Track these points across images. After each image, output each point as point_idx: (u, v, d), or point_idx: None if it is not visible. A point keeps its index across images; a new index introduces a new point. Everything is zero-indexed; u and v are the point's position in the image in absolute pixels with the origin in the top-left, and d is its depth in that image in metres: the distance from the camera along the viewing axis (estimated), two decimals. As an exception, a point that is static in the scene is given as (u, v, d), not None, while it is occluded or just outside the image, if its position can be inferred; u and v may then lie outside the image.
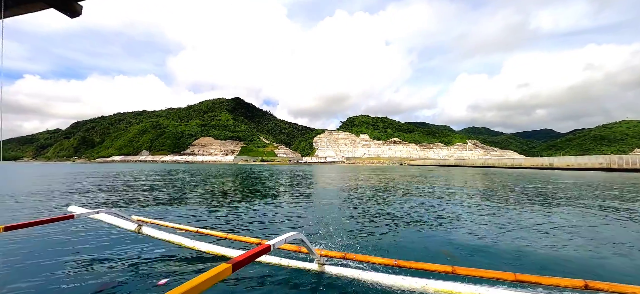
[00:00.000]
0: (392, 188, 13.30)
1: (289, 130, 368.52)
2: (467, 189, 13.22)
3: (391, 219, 6.27)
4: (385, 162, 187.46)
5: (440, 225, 5.74)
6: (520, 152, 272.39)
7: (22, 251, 3.98)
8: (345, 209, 7.43)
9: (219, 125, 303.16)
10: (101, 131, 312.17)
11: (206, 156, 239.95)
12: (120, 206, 8.37)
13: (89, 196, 10.19)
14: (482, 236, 4.87)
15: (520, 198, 9.77)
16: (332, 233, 4.96)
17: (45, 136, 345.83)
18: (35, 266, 3.44)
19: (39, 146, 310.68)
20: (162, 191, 11.50)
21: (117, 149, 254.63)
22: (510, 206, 8.13)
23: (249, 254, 1.77)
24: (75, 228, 5.02)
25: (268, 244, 2.03)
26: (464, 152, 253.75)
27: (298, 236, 2.44)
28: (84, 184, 14.33)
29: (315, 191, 11.97)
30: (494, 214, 6.80)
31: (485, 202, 8.88)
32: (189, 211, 7.23)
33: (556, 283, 2.19)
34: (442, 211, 7.25)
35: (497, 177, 23.72)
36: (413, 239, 4.73)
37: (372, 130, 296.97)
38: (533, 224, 5.87)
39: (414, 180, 19.21)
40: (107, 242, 4.35)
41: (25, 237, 4.50)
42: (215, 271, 1.43)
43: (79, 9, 1.32)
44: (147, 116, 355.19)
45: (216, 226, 5.62)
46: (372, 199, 9.43)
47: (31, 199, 9.12)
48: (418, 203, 8.53)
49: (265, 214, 6.75)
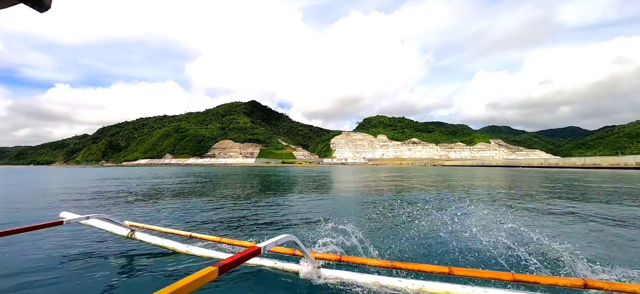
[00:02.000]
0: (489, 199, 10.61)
1: (304, 132, 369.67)
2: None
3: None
4: (414, 163, 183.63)
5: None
6: (546, 151, 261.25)
7: (9, 258, 3.87)
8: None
9: (237, 128, 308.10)
10: (126, 136, 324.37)
11: (227, 159, 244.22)
12: (149, 205, 8.63)
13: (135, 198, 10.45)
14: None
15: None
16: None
17: (74, 141, 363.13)
18: (23, 274, 3.34)
19: (69, 150, 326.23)
20: (203, 194, 11.64)
21: (142, 153, 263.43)
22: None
23: (236, 257, 1.74)
24: (65, 233, 4.85)
25: (258, 247, 2.00)
26: (487, 152, 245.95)
27: (291, 238, 2.41)
28: (130, 186, 14.57)
29: (387, 198, 10.97)
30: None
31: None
32: (221, 217, 7.07)
33: (555, 282, 2.17)
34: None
35: (574, 180, 22.35)
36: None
37: (389, 131, 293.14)
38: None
39: (483, 184, 18.27)
40: (98, 248, 4.26)
41: (14, 243, 4.40)
42: (200, 274, 1.41)
43: (47, 2, 1.21)
44: (168, 121, 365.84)
45: (246, 233, 5.40)
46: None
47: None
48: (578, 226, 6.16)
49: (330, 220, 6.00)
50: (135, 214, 7.49)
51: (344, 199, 10.84)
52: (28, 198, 10.72)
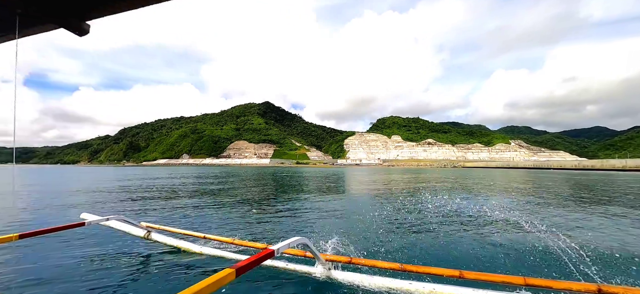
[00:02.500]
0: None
1: (317, 132, 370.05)
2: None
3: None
4: (432, 164, 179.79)
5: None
6: (570, 152, 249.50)
7: (36, 257, 4.09)
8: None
9: (251, 129, 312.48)
10: (145, 136, 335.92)
11: (242, 159, 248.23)
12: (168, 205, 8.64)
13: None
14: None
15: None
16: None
17: (98, 141, 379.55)
18: (49, 273, 3.54)
19: (92, 150, 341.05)
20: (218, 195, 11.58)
21: (160, 153, 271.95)
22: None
23: (252, 259, 1.78)
24: (86, 234, 5.09)
25: (272, 249, 2.04)
26: (506, 154, 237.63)
27: (303, 241, 2.45)
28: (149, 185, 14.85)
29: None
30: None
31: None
32: (233, 218, 7.06)
33: (568, 287, 2.13)
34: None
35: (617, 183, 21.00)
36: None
37: (404, 131, 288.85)
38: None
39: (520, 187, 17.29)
40: (117, 248, 4.45)
41: (39, 244, 4.61)
42: (219, 276, 1.45)
43: (86, 28, 1.49)
44: (185, 122, 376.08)
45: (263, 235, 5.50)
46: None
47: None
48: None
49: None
50: (152, 214, 7.75)
51: (359, 200, 10.75)
52: (56, 198, 11.36)
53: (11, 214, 7.89)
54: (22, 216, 7.53)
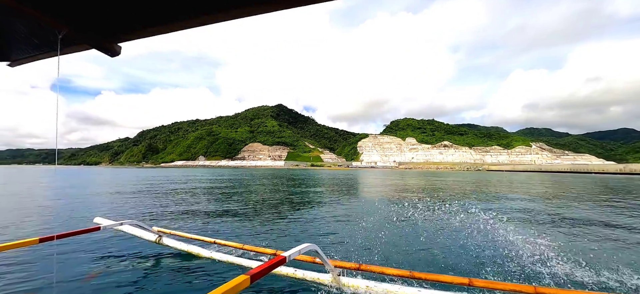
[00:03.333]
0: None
1: (330, 135, 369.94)
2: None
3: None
4: (453, 166, 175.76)
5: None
6: (596, 155, 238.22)
7: (57, 261, 4.30)
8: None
9: (265, 131, 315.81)
10: (163, 139, 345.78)
11: (257, 161, 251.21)
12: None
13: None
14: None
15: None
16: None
17: (118, 143, 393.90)
18: (65, 276, 3.69)
19: (113, 152, 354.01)
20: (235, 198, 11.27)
21: (178, 155, 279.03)
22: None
23: (266, 265, 1.79)
24: (101, 238, 5.24)
25: (283, 256, 2.04)
26: (527, 157, 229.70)
27: (312, 247, 2.46)
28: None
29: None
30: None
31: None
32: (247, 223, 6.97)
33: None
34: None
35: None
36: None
37: (418, 133, 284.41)
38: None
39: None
40: (130, 253, 4.56)
41: (59, 247, 4.82)
42: (234, 283, 1.46)
43: (118, 50, 1.65)
44: (200, 124, 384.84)
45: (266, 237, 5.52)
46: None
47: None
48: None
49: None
50: (164, 219, 7.92)
51: (381, 207, 10.34)
52: (79, 201, 11.76)
53: (41, 217, 8.36)
54: (46, 220, 7.92)
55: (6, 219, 7.85)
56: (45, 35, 1.72)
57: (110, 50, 1.67)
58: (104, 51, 1.67)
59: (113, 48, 1.67)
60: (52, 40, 1.71)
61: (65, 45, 1.77)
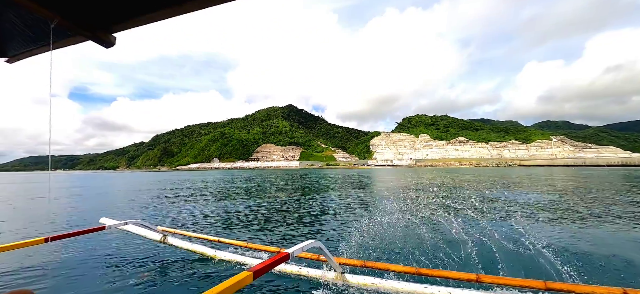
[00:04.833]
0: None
1: (341, 134, 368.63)
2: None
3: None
4: (479, 163, 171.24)
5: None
6: (621, 148, 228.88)
7: (61, 260, 4.40)
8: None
9: (277, 132, 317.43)
10: (177, 142, 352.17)
11: (271, 162, 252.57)
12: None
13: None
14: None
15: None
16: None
17: (133, 148, 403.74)
18: (72, 275, 3.80)
19: (130, 157, 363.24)
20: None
21: (192, 158, 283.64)
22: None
23: (268, 262, 1.81)
24: (107, 238, 5.43)
25: (287, 252, 2.05)
26: (547, 151, 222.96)
27: (316, 245, 2.44)
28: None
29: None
30: None
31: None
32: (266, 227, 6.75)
33: (591, 291, 2.09)
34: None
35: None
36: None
37: (432, 130, 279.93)
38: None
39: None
40: (135, 252, 4.69)
41: (65, 247, 4.96)
42: (236, 279, 1.48)
43: (112, 40, 1.63)
44: (212, 127, 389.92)
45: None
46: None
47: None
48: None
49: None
50: (169, 219, 8.02)
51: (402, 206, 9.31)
52: (93, 203, 12.26)
53: (47, 217, 8.73)
54: (55, 220, 8.19)
55: (15, 220, 8.31)
56: (39, 26, 1.70)
57: (105, 40, 1.64)
58: (99, 42, 1.64)
59: (108, 38, 1.65)
60: (46, 32, 1.68)
61: (59, 37, 1.75)
